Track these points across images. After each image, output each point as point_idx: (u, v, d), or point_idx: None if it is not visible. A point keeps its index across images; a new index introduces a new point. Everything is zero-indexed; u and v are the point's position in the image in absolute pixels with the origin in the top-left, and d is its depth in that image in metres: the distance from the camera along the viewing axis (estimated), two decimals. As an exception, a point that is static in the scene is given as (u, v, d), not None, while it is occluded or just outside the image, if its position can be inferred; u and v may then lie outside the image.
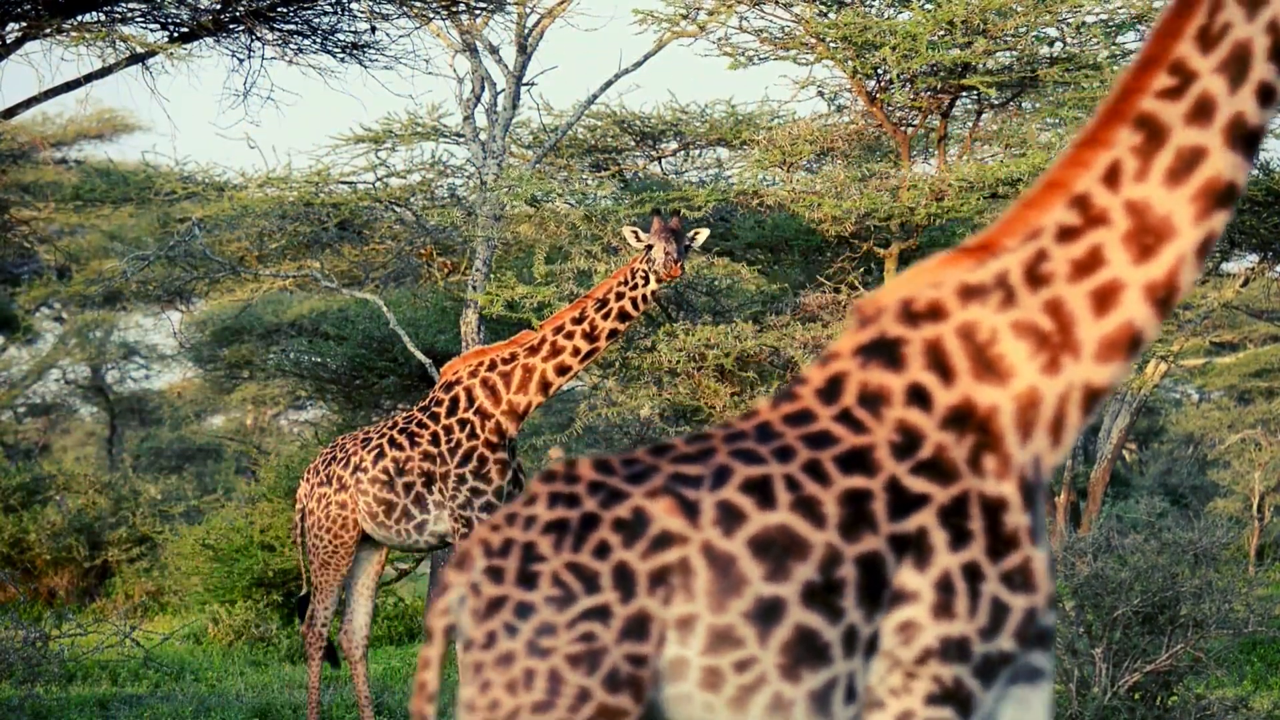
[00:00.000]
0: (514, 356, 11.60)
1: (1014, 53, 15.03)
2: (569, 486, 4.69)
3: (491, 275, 16.13)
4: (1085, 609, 10.54)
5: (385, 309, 17.27)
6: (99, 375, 37.82)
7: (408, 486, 11.59)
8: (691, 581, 4.56)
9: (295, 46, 14.02)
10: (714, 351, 14.60)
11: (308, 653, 11.83)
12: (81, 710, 13.11)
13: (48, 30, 13.16)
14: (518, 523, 4.68)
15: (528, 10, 16.82)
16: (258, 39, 13.88)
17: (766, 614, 4.54)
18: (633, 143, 18.31)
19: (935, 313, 4.69)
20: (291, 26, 13.95)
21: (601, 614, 4.55)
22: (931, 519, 4.60)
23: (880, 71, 14.97)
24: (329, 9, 13.88)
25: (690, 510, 4.60)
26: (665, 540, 4.59)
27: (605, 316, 11.53)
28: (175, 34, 13.65)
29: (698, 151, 18.63)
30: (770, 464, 4.63)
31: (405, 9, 14.13)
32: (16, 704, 12.79)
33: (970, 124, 16.34)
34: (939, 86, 15.11)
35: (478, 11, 16.26)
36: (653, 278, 11.51)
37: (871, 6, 15.16)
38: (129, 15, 13.45)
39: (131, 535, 21.42)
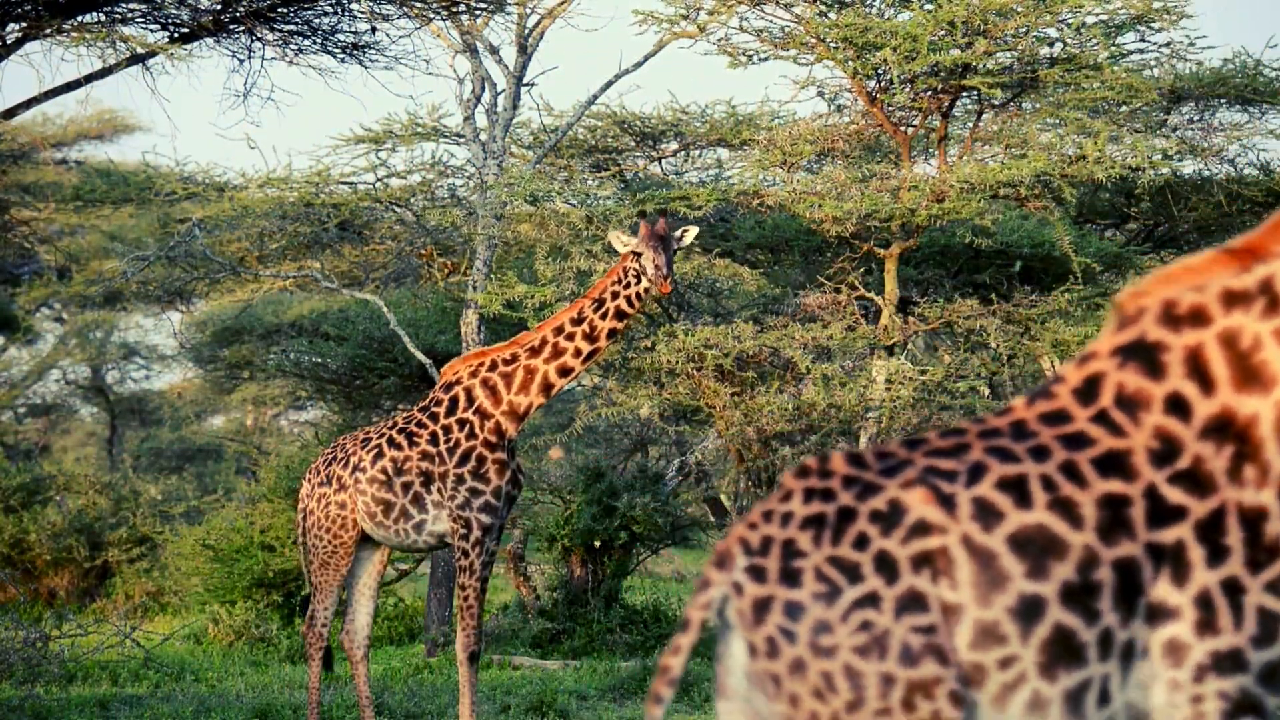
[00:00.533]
0: (515, 357, 11.57)
1: (1014, 53, 15.03)
2: (823, 481, 4.70)
3: (492, 275, 16.13)
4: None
5: (385, 309, 17.27)
6: (99, 375, 37.82)
7: (406, 486, 11.58)
8: (954, 571, 4.57)
9: (295, 47, 14.01)
10: (713, 352, 14.59)
11: (308, 653, 11.82)
12: (81, 711, 13.10)
13: (48, 30, 13.15)
14: (774, 520, 4.68)
15: (528, 11, 16.82)
16: (258, 39, 13.87)
17: (1028, 611, 4.56)
18: (633, 143, 18.29)
19: (1198, 317, 4.69)
20: (292, 27, 13.94)
21: (871, 600, 4.56)
22: (1189, 533, 4.61)
23: (881, 72, 14.96)
24: (329, 9, 13.87)
25: (947, 503, 4.62)
26: (924, 528, 4.60)
27: (603, 316, 11.50)
28: (175, 34, 13.64)
29: (698, 152, 18.61)
30: (1026, 463, 4.65)
31: (405, 9, 14.12)
32: (16, 704, 12.79)
33: (971, 124, 16.33)
34: (939, 87, 15.10)
35: (478, 12, 16.26)
36: (645, 278, 11.47)
37: (872, 7, 15.15)
38: (129, 15, 13.44)
39: (132, 535, 21.41)
